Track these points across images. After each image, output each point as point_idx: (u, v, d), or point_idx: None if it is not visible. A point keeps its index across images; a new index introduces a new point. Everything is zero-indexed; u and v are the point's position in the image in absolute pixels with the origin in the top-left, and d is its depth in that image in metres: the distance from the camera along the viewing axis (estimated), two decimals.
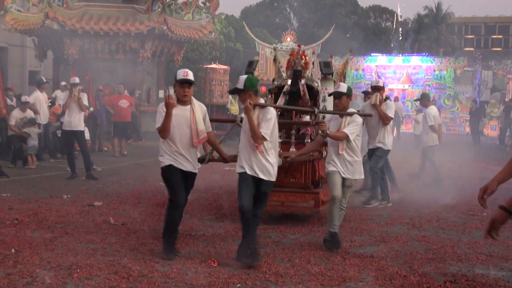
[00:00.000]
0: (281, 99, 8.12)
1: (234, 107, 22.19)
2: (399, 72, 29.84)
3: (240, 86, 5.93)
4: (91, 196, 9.61)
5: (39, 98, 14.25)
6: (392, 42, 40.39)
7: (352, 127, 6.58)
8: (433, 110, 12.05)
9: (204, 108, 6.30)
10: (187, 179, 6.14)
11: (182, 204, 6.10)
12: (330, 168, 6.67)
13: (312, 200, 7.87)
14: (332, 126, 6.77)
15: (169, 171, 6.05)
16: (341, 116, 6.72)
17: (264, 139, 5.78)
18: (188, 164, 6.07)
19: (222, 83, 23.12)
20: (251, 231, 5.89)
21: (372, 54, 32.05)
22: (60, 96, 15.35)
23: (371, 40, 45.55)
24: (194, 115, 6.01)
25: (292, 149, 7.67)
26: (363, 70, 30.34)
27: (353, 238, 7.18)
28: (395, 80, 29.82)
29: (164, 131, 5.92)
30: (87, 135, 13.92)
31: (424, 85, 29.24)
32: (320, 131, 6.54)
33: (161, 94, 22.09)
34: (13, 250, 6.15)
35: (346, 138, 6.53)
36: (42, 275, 5.35)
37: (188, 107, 6.03)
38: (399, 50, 39.15)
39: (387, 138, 9.55)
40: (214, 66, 23.87)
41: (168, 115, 5.83)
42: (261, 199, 5.99)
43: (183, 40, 21.28)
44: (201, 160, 6.52)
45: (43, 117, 14.23)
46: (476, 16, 56.04)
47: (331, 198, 6.69)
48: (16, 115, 13.36)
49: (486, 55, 36.61)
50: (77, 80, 11.93)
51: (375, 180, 9.62)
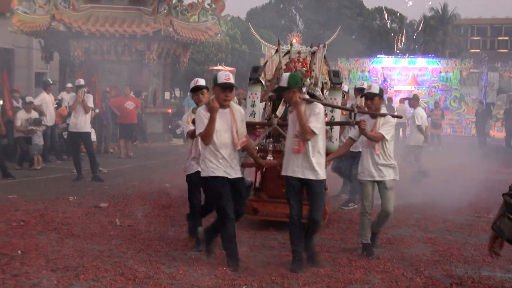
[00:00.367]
0: (281, 107, 7.99)
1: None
2: (405, 73, 29.78)
3: (284, 84, 5.77)
4: (97, 198, 9.63)
5: (46, 99, 14.31)
6: (399, 44, 40.26)
7: (387, 128, 6.41)
8: (421, 111, 12.45)
9: (243, 111, 6.06)
10: (234, 186, 5.82)
11: (233, 215, 5.77)
12: (362, 177, 6.54)
13: None
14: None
15: (216, 182, 5.72)
16: (373, 117, 6.54)
17: (314, 133, 5.65)
18: (231, 170, 5.78)
19: None
20: (310, 237, 5.91)
21: (378, 56, 32.03)
22: (66, 97, 15.43)
23: (377, 42, 45.54)
24: (234, 118, 5.76)
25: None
26: (369, 71, 30.33)
27: (359, 240, 7.16)
28: (401, 82, 29.79)
29: (208, 136, 5.62)
30: (93, 137, 13.98)
31: (430, 86, 29.19)
32: (359, 130, 6.34)
33: (167, 95, 22.14)
34: (19, 252, 6.18)
35: (382, 139, 6.41)
36: (48, 276, 5.37)
37: (227, 110, 5.75)
38: (405, 52, 39.04)
39: None
40: (219, 67, 23.92)
41: (212, 120, 5.58)
42: (314, 200, 5.83)
43: (189, 42, 21.30)
44: None
45: (50, 118, 14.28)
46: (482, 18, 55.91)
47: (361, 208, 6.63)
48: (21, 116, 13.42)
49: (492, 57, 36.49)
50: (82, 82, 11.95)
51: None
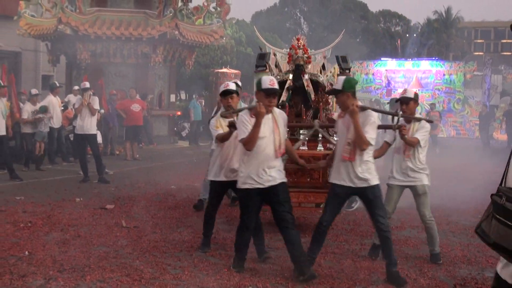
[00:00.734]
0: (283, 95, 7.94)
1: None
2: (408, 76, 29.76)
3: (338, 87, 5.54)
4: (103, 199, 9.69)
5: (53, 102, 14.37)
6: (403, 47, 40.30)
7: (422, 133, 6.33)
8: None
9: (285, 116, 5.86)
10: (273, 192, 5.57)
11: (252, 227, 5.77)
12: (391, 181, 6.46)
13: None
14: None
15: (249, 194, 5.60)
16: (407, 122, 6.40)
17: (370, 144, 5.47)
18: (269, 177, 5.53)
19: None
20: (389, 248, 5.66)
21: (382, 59, 32.02)
22: (73, 100, 15.46)
23: (381, 45, 45.55)
24: (277, 124, 5.55)
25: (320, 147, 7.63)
26: (373, 74, 30.30)
27: (363, 242, 7.20)
28: (405, 84, 29.72)
29: (251, 142, 5.41)
30: (99, 139, 14.05)
31: (433, 89, 29.18)
32: (400, 134, 6.19)
33: (172, 98, 22.20)
34: (26, 253, 6.24)
35: (418, 144, 6.31)
36: (55, 277, 5.43)
37: (269, 115, 5.52)
38: (409, 55, 39.02)
39: None
40: (225, 70, 23.97)
41: (258, 125, 5.37)
42: (374, 206, 5.60)
43: (194, 45, 21.35)
44: None
45: (56, 121, 14.35)
46: (485, 21, 55.90)
47: None
48: (27, 108, 13.49)
49: (496, 60, 36.49)
50: (87, 84, 12.01)
51: None
